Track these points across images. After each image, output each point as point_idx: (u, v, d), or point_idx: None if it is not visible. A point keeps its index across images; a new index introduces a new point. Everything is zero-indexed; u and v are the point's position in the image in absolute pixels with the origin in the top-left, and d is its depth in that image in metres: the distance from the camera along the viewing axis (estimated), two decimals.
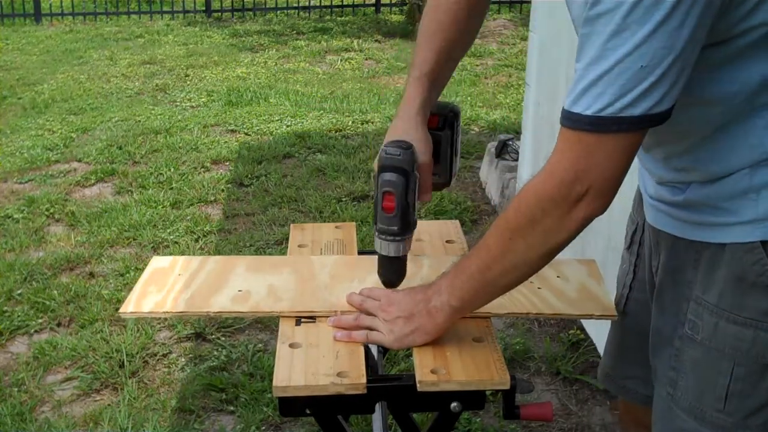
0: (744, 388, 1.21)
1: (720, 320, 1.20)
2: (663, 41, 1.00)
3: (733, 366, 1.20)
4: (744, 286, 1.17)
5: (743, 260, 1.17)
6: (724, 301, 1.20)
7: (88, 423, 2.48)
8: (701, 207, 1.20)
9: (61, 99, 6.21)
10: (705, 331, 1.22)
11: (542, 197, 1.15)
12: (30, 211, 4.05)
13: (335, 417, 1.35)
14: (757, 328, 1.17)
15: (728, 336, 1.20)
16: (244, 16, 9.99)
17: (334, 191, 4.21)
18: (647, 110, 1.04)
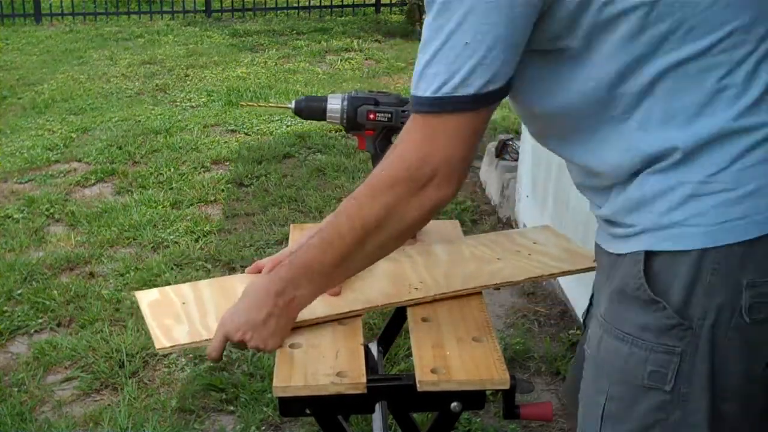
0: (618, 410, 1.15)
1: (604, 333, 1.16)
2: (483, 17, 1.03)
3: (609, 385, 1.16)
4: (624, 299, 1.13)
5: (628, 272, 1.13)
6: (608, 313, 1.16)
7: (88, 423, 2.48)
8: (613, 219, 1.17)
9: (61, 99, 6.21)
10: (593, 346, 1.19)
11: (392, 181, 1.17)
12: (30, 211, 4.05)
13: (335, 417, 1.35)
14: (633, 344, 1.12)
15: (608, 351, 1.16)
16: (244, 16, 9.99)
17: (334, 191, 4.21)
18: (479, 89, 1.06)
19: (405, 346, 2.68)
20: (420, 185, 1.14)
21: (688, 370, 1.10)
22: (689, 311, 1.09)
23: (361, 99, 1.73)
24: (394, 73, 7.03)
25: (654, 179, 1.10)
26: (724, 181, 1.07)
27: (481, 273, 1.59)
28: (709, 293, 1.08)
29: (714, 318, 1.08)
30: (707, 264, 1.08)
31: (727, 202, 1.07)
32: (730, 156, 1.07)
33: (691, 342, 1.09)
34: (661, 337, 1.10)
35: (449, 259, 1.66)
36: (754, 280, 1.07)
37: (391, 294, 1.51)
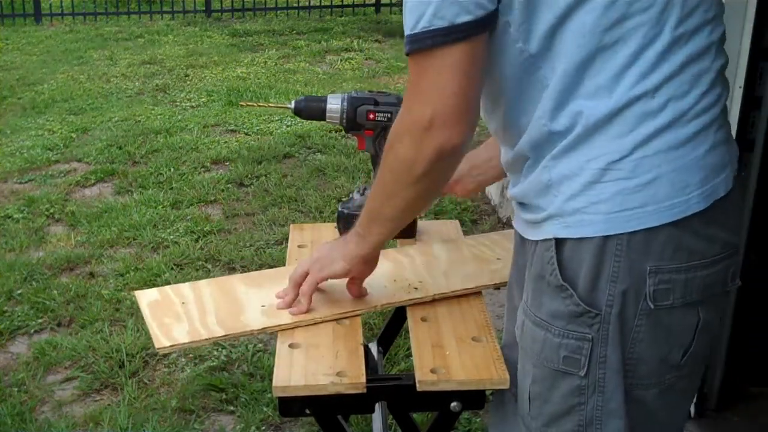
0: (541, 392, 1.19)
1: (526, 319, 1.20)
2: None
3: (533, 368, 1.19)
4: (541, 285, 1.15)
5: (542, 258, 1.15)
6: (528, 299, 1.19)
7: (88, 423, 2.48)
8: (528, 203, 1.19)
9: (61, 99, 6.21)
10: (519, 330, 1.23)
11: (397, 128, 1.18)
12: (30, 211, 4.05)
13: (335, 417, 1.35)
14: (547, 330, 1.15)
15: (529, 336, 1.19)
16: (244, 16, 9.98)
17: (334, 191, 4.21)
18: (453, 18, 1.06)
19: (405, 346, 2.68)
20: (422, 128, 1.13)
21: (601, 357, 1.12)
22: (596, 298, 1.11)
23: (360, 99, 1.73)
24: (394, 73, 7.03)
25: (561, 163, 1.11)
26: (624, 169, 1.07)
27: (481, 273, 1.59)
28: (613, 280, 1.09)
29: (620, 305, 1.10)
30: (609, 251, 1.09)
31: (626, 190, 1.07)
32: (632, 142, 1.07)
33: (601, 329, 1.11)
34: (571, 323, 1.13)
35: (449, 259, 1.66)
36: (658, 267, 1.09)
37: (390, 294, 1.51)
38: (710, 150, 1.10)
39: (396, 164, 1.20)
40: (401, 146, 1.17)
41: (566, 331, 1.13)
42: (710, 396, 2.38)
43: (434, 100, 1.11)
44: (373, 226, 1.33)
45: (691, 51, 1.08)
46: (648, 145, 1.07)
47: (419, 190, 1.22)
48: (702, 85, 1.09)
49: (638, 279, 1.09)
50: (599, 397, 1.14)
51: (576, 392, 1.15)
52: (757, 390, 2.50)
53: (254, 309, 1.47)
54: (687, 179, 1.08)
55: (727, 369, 2.35)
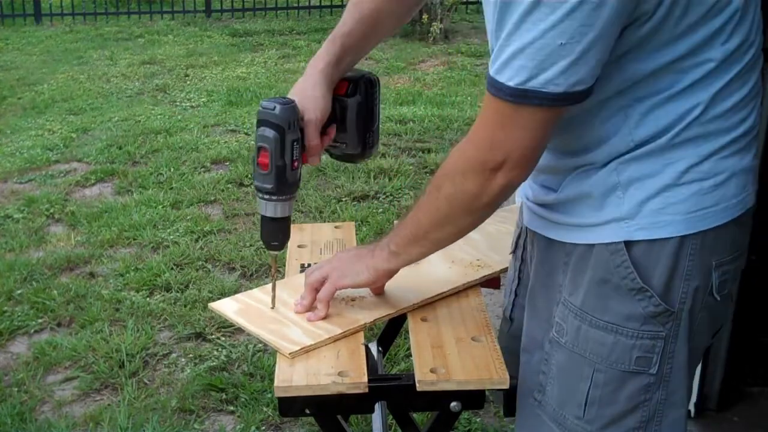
0: (603, 395, 1.19)
1: (583, 324, 1.19)
2: (582, 20, 1.00)
3: (593, 372, 1.19)
4: (607, 289, 1.16)
5: (608, 262, 1.15)
6: (587, 304, 1.19)
7: (88, 423, 2.48)
8: (572, 206, 1.19)
9: (61, 99, 6.21)
10: (569, 335, 1.22)
11: (463, 162, 1.18)
12: (30, 211, 4.05)
13: (335, 417, 1.35)
14: (618, 333, 1.16)
15: (590, 340, 1.19)
16: (244, 16, 9.98)
17: (334, 191, 4.21)
18: (570, 87, 1.04)
19: (405, 346, 2.68)
20: (490, 168, 1.13)
21: (671, 352, 1.17)
22: (671, 297, 1.15)
23: None
24: (394, 73, 7.03)
25: (632, 166, 1.13)
26: (702, 171, 1.12)
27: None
28: (687, 278, 1.14)
29: (692, 301, 1.15)
30: (685, 251, 1.13)
31: (702, 190, 1.13)
32: (710, 149, 1.12)
33: (673, 326, 1.16)
34: (646, 324, 1.15)
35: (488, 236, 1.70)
36: (721, 260, 1.16)
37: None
38: (754, 157, 1.18)
39: (458, 196, 1.19)
40: (465, 181, 1.17)
41: (641, 332, 1.16)
42: (710, 396, 2.38)
43: (511, 149, 1.12)
44: (413, 247, 1.32)
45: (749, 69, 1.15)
46: (724, 149, 1.13)
47: (476, 220, 1.24)
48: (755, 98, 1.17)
49: (706, 274, 1.15)
50: (663, 392, 1.18)
51: (644, 390, 1.18)
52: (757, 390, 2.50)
53: (345, 305, 1.47)
54: (746, 178, 1.16)
55: (727, 369, 2.35)
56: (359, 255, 1.40)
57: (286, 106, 1.31)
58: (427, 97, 6.11)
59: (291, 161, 1.32)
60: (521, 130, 1.10)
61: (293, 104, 1.32)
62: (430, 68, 7.19)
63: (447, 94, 6.26)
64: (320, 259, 1.69)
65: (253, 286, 3.20)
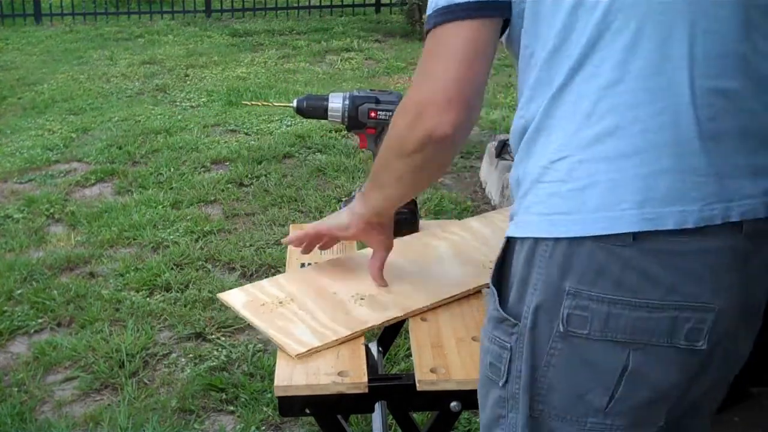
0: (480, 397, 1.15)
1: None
2: None
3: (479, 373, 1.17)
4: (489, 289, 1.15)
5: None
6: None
7: (88, 423, 2.48)
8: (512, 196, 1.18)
9: (61, 99, 6.21)
10: None
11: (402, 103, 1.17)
12: (30, 211, 4.05)
13: (335, 417, 1.35)
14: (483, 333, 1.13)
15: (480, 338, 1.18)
16: (244, 16, 9.98)
17: (334, 191, 4.21)
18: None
19: (405, 346, 2.68)
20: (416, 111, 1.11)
21: (517, 371, 1.06)
22: (520, 307, 1.05)
23: (362, 98, 1.73)
24: (394, 73, 7.03)
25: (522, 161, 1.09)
26: (561, 170, 1.01)
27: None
28: (533, 291, 1.03)
29: (533, 319, 1.03)
30: (537, 257, 1.02)
31: (559, 193, 1.01)
32: (575, 144, 1.01)
33: (519, 340, 1.05)
34: (496, 329, 1.09)
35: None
36: (577, 289, 1.00)
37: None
38: (661, 173, 0.98)
39: (391, 137, 1.20)
40: (398, 121, 1.17)
41: (492, 336, 1.09)
42: None
43: (431, 84, 1.09)
44: (373, 190, 1.35)
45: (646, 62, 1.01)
46: (590, 148, 1.00)
47: (409, 166, 1.20)
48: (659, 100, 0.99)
49: (555, 296, 1.01)
50: (514, 414, 1.07)
51: (500, 403, 1.09)
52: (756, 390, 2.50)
53: (354, 303, 1.47)
54: (621, 195, 0.98)
55: None
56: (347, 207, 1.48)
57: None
58: None
59: None
60: (439, 62, 1.08)
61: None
62: None
63: None
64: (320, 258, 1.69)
65: None
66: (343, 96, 1.74)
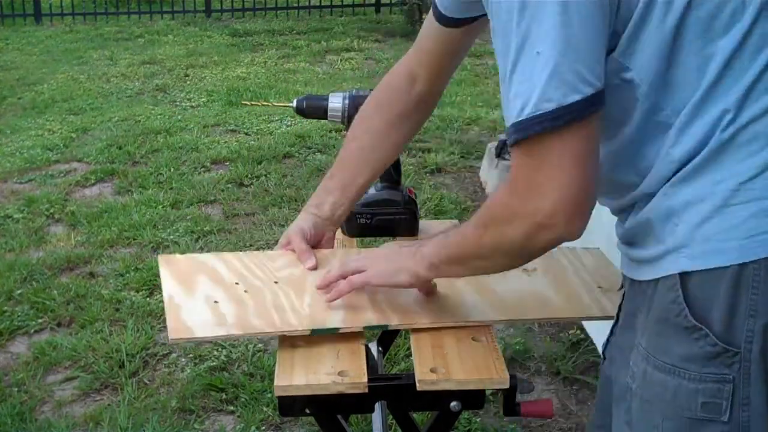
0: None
1: (648, 366, 1.09)
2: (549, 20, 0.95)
3: (663, 420, 1.08)
4: (666, 328, 1.06)
5: (665, 298, 1.05)
6: (651, 344, 1.09)
7: (88, 423, 2.49)
8: (641, 240, 1.11)
9: (61, 99, 6.21)
10: (638, 380, 1.12)
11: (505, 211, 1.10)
12: (30, 211, 4.05)
13: (335, 417, 1.35)
14: (679, 375, 1.05)
15: (655, 384, 1.09)
16: (244, 16, 9.99)
17: None
18: (561, 99, 0.97)
19: (405, 346, 2.68)
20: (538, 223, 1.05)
21: (745, 398, 1.03)
22: (734, 335, 1.02)
23: (362, 97, 1.73)
24: None
25: (682, 189, 1.03)
26: (757, 188, 1.00)
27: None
28: (752, 314, 1.01)
29: (762, 341, 1.01)
30: (746, 281, 1.00)
31: (762, 211, 1.00)
32: (763, 160, 1.00)
33: (742, 368, 1.02)
34: (708, 366, 1.03)
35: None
36: None
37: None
38: None
39: (502, 243, 1.12)
40: (511, 230, 1.09)
41: (703, 375, 1.03)
42: None
43: (554, 194, 1.02)
44: (453, 268, 1.26)
45: None
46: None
47: (517, 264, 1.20)
48: None
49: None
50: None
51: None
52: None
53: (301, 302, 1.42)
54: None
55: None
56: (401, 254, 1.33)
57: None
58: None
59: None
60: (553, 167, 1.01)
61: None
62: None
63: (447, 93, 6.25)
64: None
65: None
66: (343, 96, 1.74)
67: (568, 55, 0.96)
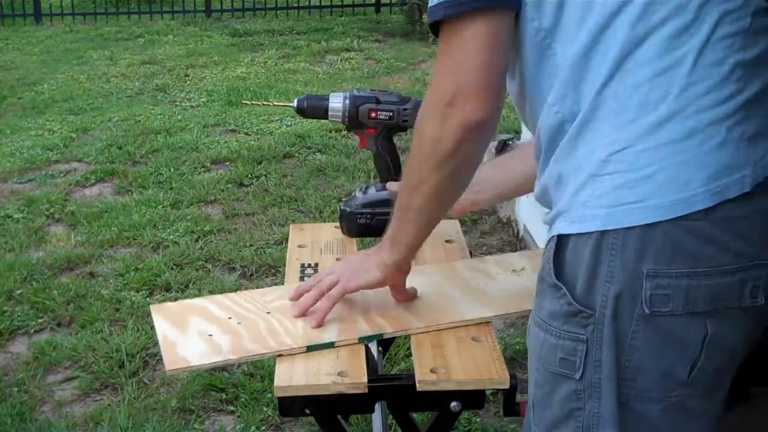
0: (542, 397, 1.14)
1: (531, 321, 1.17)
2: None
3: (534, 371, 1.15)
4: (543, 286, 1.12)
5: (545, 258, 1.12)
6: (535, 301, 1.16)
7: (88, 423, 2.49)
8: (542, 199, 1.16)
9: (61, 99, 6.21)
10: (529, 331, 1.19)
11: (423, 109, 1.16)
12: (30, 211, 4.05)
13: (335, 417, 1.35)
14: (546, 330, 1.11)
15: (532, 337, 1.15)
16: (244, 16, 9.98)
17: (334, 191, 4.21)
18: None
19: (405, 346, 2.68)
20: (445, 104, 1.10)
21: (597, 360, 1.07)
22: (592, 298, 1.06)
23: (362, 98, 1.73)
24: (394, 73, 7.03)
25: (570, 155, 1.08)
26: (625, 161, 1.03)
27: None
28: (608, 280, 1.05)
29: (614, 307, 1.05)
30: (606, 248, 1.04)
31: (627, 183, 1.03)
32: (635, 132, 1.03)
33: (596, 330, 1.06)
34: (566, 323, 1.09)
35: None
36: (656, 270, 1.03)
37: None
38: (721, 145, 1.02)
39: (422, 146, 1.17)
40: (426, 126, 1.15)
41: (562, 332, 1.09)
42: None
43: (457, 75, 1.09)
44: (404, 224, 1.29)
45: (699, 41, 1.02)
46: (650, 136, 1.02)
47: (448, 172, 1.18)
48: (714, 76, 1.02)
49: (634, 281, 1.03)
50: (595, 404, 1.08)
51: (573, 396, 1.10)
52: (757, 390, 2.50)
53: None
54: (691, 175, 1.01)
55: None
56: (367, 254, 1.39)
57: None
58: None
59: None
60: (461, 50, 1.07)
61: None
62: (430, 68, 7.18)
63: None
64: (320, 259, 1.69)
65: (252, 286, 3.21)
66: (344, 96, 1.74)
67: None
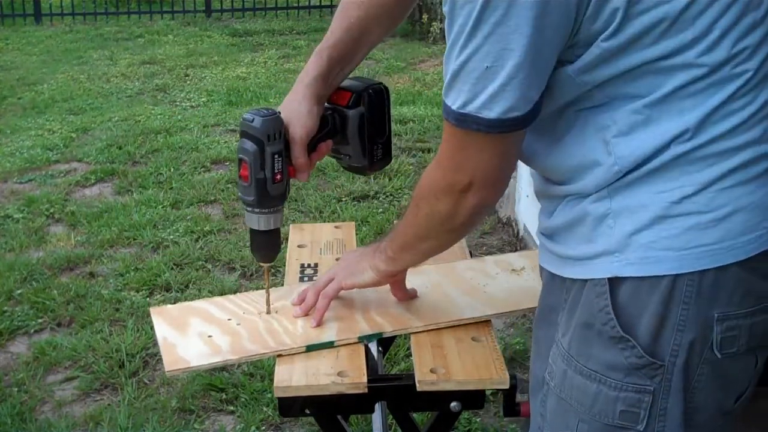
0: None
1: (569, 368, 1.10)
2: (503, 43, 0.97)
3: (578, 422, 1.10)
4: (591, 334, 1.06)
5: (593, 304, 1.06)
6: (573, 347, 1.09)
7: (88, 423, 2.49)
8: (567, 236, 1.11)
9: (61, 99, 6.21)
10: (557, 378, 1.13)
11: (433, 185, 1.18)
12: (30, 211, 4.05)
13: (335, 417, 1.35)
14: (600, 382, 1.06)
15: (574, 387, 1.10)
16: (244, 16, 9.98)
17: (334, 191, 4.21)
18: (502, 114, 1.01)
19: (405, 346, 2.68)
20: (460, 191, 1.13)
21: (662, 409, 1.05)
22: (660, 348, 1.03)
23: None
24: (394, 73, 7.03)
25: (623, 193, 1.04)
26: (699, 202, 1.01)
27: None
28: (680, 329, 1.02)
29: (686, 356, 1.03)
30: (678, 293, 1.01)
31: (700, 224, 1.01)
32: (709, 176, 1.01)
33: (664, 380, 1.04)
34: (631, 376, 1.05)
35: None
36: (726, 314, 1.02)
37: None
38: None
39: (434, 216, 1.20)
40: (439, 203, 1.17)
41: (625, 384, 1.05)
42: None
43: (474, 171, 1.11)
44: (406, 255, 1.34)
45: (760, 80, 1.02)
46: (725, 179, 1.01)
47: (454, 237, 1.28)
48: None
49: (705, 327, 1.02)
50: None
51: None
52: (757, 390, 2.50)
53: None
54: (760, 214, 1.02)
55: None
56: (363, 254, 1.42)
57: (266, 118, 1.30)
58: (427, 97, 6.11)
59: (273, 174, 1.31)
60: (478, 153, 1.08)
61: (275, 116, 1.32)
62: (430, 68, 7.18)
63: None
64: (320, 259, 1.69)
65: (252, 286, 3.21)
66: None
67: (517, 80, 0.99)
